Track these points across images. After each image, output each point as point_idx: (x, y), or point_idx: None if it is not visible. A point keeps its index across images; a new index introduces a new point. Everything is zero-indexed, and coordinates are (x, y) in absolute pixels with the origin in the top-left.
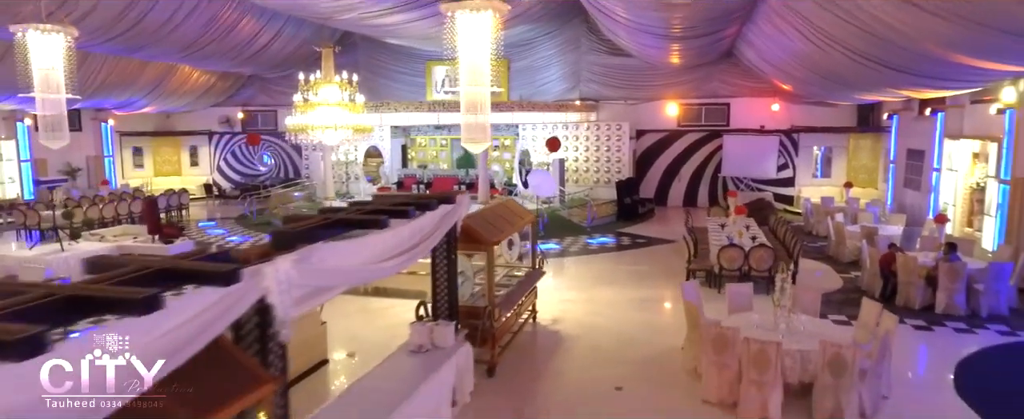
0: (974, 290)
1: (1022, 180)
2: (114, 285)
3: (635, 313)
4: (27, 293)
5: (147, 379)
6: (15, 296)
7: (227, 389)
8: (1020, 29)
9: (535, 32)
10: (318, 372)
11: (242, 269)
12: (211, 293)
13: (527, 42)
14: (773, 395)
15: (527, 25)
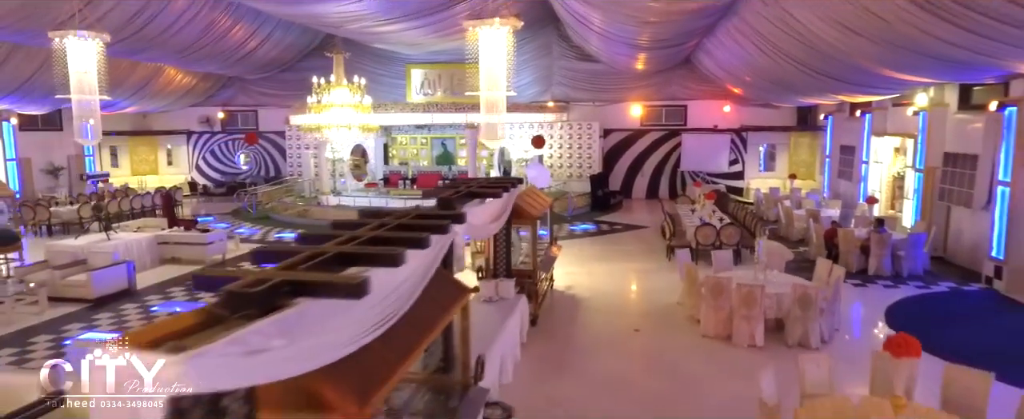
0: (897, 256)
1: (933, 169)
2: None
3: (631, 280)
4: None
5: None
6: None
7: (451, 293)
8: (928, 52)
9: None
10: None
11: (449, 226)
12: (438, 240)
13: None
14: (758, 327)
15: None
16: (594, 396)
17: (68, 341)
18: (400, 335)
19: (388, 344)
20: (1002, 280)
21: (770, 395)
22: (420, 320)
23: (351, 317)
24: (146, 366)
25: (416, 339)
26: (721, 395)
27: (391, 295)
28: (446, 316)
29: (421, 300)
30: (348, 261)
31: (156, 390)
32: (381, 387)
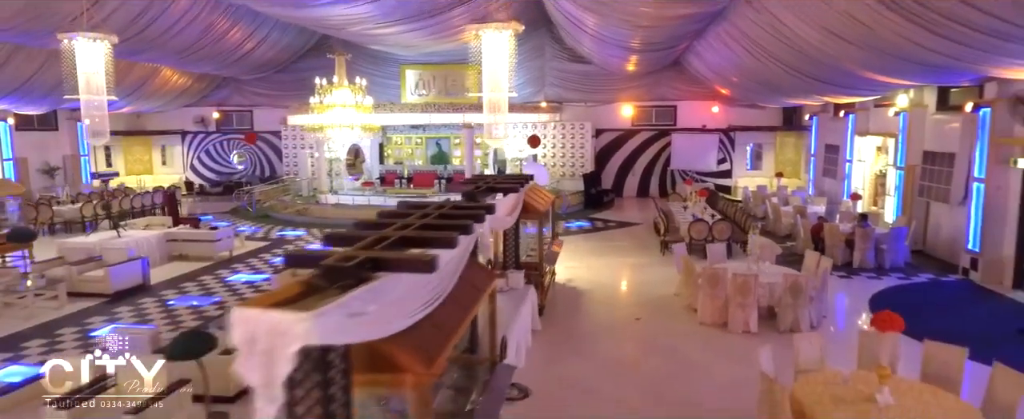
0: (880, 249)
1: (913, 167)
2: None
3: (628, 274)
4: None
5: (288, 334)
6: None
7: (482, 278)
8: (909, 56)
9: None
10: None
11: (484, 216)
12: (467, 239)
13: None
14: (752, 314)
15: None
16: (603, 377)
17: (93, 333)
18: (447, 312)
19: (439, 319)
20: (978, 271)
21: (769, 369)
22: (461, 300)
23: (416, 291)
24: (287, 323)
25: (461, 316)
26: (719, 376)
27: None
28: (481, 297)
29: (460, 282)
30: (409, 244)
31: (291, 343)
32: (440, 354)
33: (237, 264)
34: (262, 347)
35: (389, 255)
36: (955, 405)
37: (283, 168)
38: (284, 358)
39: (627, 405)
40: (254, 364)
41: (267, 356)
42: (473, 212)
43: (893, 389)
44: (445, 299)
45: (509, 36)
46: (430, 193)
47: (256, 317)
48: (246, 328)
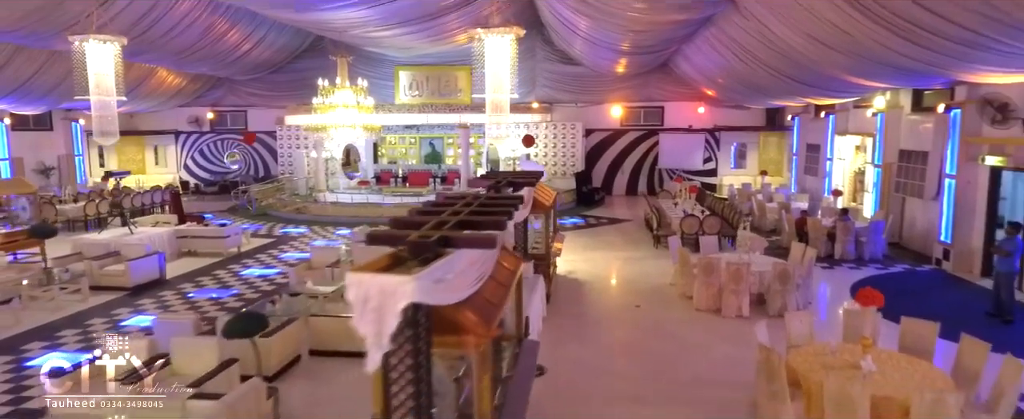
0: (859, 242)
1: (890, 165)
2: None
3: (625, 266)
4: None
5: (396, 294)
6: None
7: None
8: (886, 62)
9: None
10: None
11: (519, 205)
12: (511, 224)
13: None
14: (744, 300)
15: None
16: (610, 357)
17: (123, 322)
18: (492, 288)
19: (487, 293)
20: (949, 261)
21: (766, 341)
22: (500, 279)
23: (474, 266)
24: (395, 284)
25: (502, 292)
26: (716, 355)
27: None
28: (514, 278)
29: (497, 265)
30: (465, 226)
31: (399, 301)
32: (493, 321)
33: (247, 259)
34: (373, 305)
35: (458, 234)
36: (929, 371)
37: (278, 168)
38: (392, 313)
39: (634, 381)
40: (367, 319)
41: (378, 312)
42: (511, 201)
43: (874, 358)
44: (488, 277)
45: (511, 40)
46: (426, 192)
47: (368, 280)
48: (360, 289)
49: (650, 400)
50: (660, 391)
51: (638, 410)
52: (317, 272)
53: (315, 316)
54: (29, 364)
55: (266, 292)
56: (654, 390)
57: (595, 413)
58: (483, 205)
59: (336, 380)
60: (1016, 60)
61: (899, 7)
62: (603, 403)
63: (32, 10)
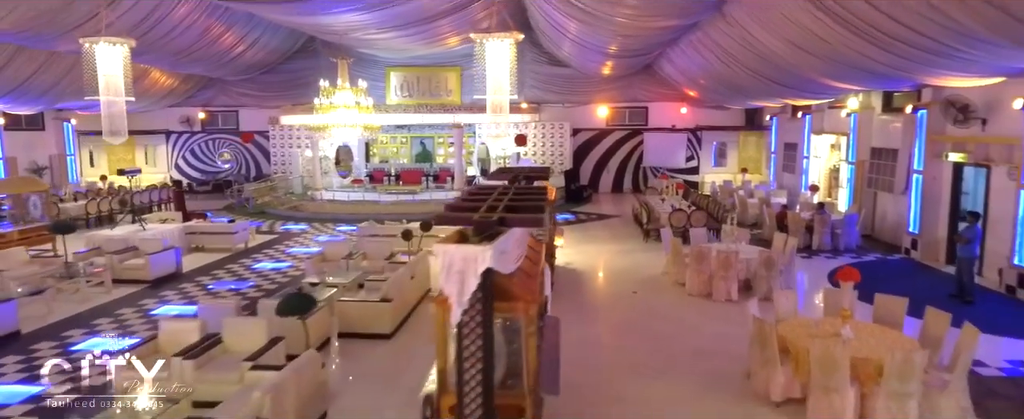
0: (835, 233)
1: (862, 162)
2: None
3: (619, 258)
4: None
5: (480, 260)
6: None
7: (538, 245)
8: (860, 66)
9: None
10: None
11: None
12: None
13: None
14: (733, 285)
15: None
16: (613, 336)
17: (152, 311)
18: (528, 265)
19: (526, 269)
20: (917, 250)
21: (757, 314)
22: (533, 258)
23: (520, 244)
24: (476, 252)
25: (536, 270)
26: (709, 333)
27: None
28: (541, 259)
29: (529, 247)
30: (512, 211)
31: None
32: (535, 291)
33: (256, 254)
34: (457, 269)
35: (512, 215)
36: (899, 338)
37: (271, 167)
38: (473, 276)
39: (637, 355)
40: (453, 281)
41: (461, 274)
42: (539, 192)
43: (852, 328)
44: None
45: (511, 44)
46: (419, 190)
47: (453, 250)
48: (446, 257)
49: (654, 370)
50: (662, 363)
51: (644, 379)
52: (332, 264)
53: (342, 301)
54: (74, 349)
55: (282, 284)
56: (656, 363)
57: (605, 381)
58: (517, 194)
59: (363, 358)
60: (974, 66)
61: (871, 17)
62: (611, 373)
63: (42, 12)
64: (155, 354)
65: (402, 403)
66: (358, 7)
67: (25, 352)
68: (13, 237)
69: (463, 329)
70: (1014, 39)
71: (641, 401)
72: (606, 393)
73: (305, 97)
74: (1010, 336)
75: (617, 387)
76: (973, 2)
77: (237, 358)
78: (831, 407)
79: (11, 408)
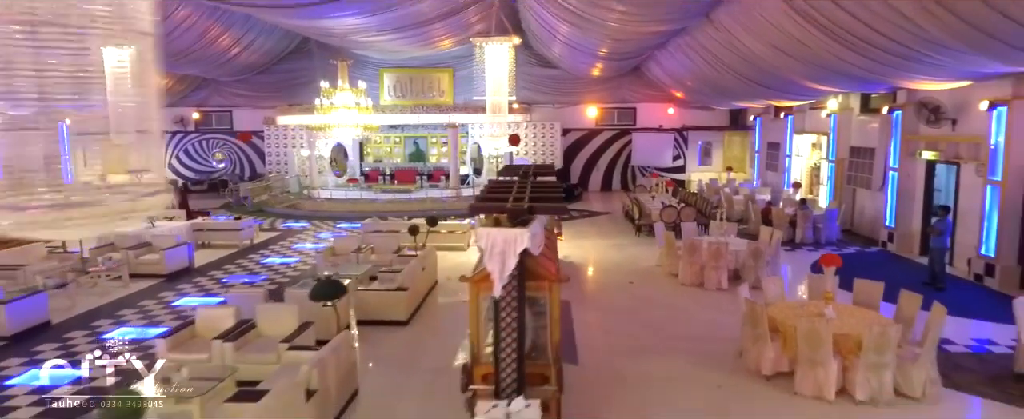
0: (817, 228)
1: (842, 160)
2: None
3: (613, 252)
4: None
5: (519, 242)
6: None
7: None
8: (839, 70)
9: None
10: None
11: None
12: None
13: (470, 54)
14: (723, 275)
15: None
16: (614, 321)
17: (173, 302)
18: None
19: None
20: (893, 243)
21: (748, 297)
22: (550, 244)
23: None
24: (515, 234)
25: (554, 254)
26: (702, 319)
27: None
28: (556, 245)
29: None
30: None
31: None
32: (558, 271)
33: (262, 250)
34: (499, 249)
35: (540, 204)
36: (876, 317)
37: (266, 166)
38: (513, 256)
39: (637, 338)
40: (495, 260)
41: (503, 255)
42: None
43: (834, 309)
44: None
45: (509, 48)
46: (413, 188)
47: (495, 232)
48: (489, 239)
49: (652, 351)
50: (660, 344)
51: (644, 359)
52: (342, 257)
53: (361, 290)
54: (106, 337)
55: (293, 278)
56: (654, 345)
57: (609, 360)
58: (535, 187)
59: (383, 343)
60: (942, 70)
61: (849, 24)
62: (613, 354)
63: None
64: (193, 338)
65: (425, 382)
66: (359, 11)
67: (60, 340)
68: None
69: (500, 303)
70: (973, 45)
71: (642, 377)
72: (609, 371)
73: (299, 97)
74: (977, 319)
75: (619, 366)
76: (937, 11)
77: (271, 341)
78: (816, 379)
79: (61, 389)
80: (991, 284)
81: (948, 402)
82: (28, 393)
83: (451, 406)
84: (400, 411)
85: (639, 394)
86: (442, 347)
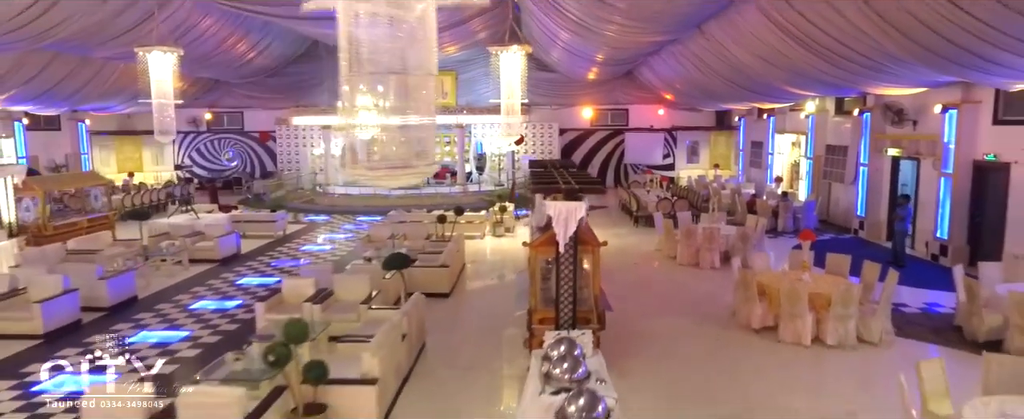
0: (797, 217)
1: (819, 157)
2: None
3: (615, 240)
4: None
5: (578, 212)
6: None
7: None
8: (816, 78)
9: (478, 51)
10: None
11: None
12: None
13: (471, 59)
14: (715, 256)
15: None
16: (625, 293)
17: (237, 281)
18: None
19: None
20: (864, 230)
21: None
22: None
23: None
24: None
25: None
26: (699, 290)
27: None
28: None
29: None
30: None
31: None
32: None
33: (296, 240)
34: (563, 217)
35: (586, 185)
36: (843, 281)
37: (278, 165)
38: (574, 222)
39: (646, 305)
40: (561, 226)
41: (566, 221)
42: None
43: (810, 276)
44: None
45: (522, 56)
46: (421, 185)
47: (561, 204)
48: (556, 209)
49: (660, 314)
50: (666, 309)
51: (653, 319)
52: (376, 243)
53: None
54: (192, 308)
55: (334, 261)
56: (661, 309)
57: (625, 321)
58: (572, 174)
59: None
60: (902, 79)
61: (822, 39)
62: (627, 317)
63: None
64: (281, 304)
65: (476, 336)
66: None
67: (152, 310)
68: (83, 225)
69: (561, 260)
70: (920, 60)
71: (654, 333)
72: (626, 329)
73: (307, 99)
74: (930, 289)
75: (633, 325)
76: (892, 32)
77: (350, 304)
78: (795, 329)
79: (172, 346)
80: (945, 262)
81: (899, 346)
82: (150, 346)
83: (504, 351)
84: (462, 355)
85: (652, 345)
86: (482, 313)
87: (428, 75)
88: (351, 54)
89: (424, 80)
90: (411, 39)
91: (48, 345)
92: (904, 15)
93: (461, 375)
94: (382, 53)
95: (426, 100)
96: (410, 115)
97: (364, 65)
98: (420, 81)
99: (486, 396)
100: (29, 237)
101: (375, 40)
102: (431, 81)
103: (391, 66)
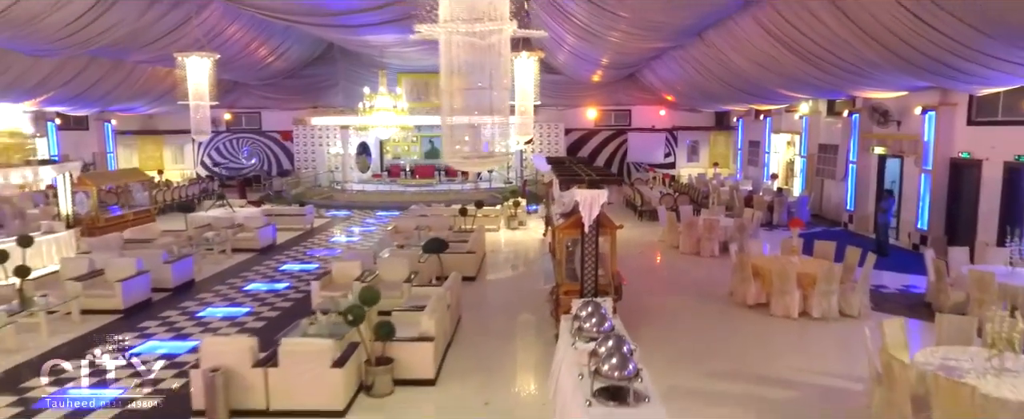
0: (791, 211)
1: (813, 155)
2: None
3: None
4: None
5: (600, 199)
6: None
7: None
8: (808, 82)
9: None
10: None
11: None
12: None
13: None
14: (715, 245)
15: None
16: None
17: (281, 266)
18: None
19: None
20: (852, 223)
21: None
22: None
23: None
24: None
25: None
26: (700, 274)
27: None
28: None
29: None
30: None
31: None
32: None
33: (324, 233)
34: (588, 202)
35: (605, 177)
36: (830, 265)
37: (295, 163)
38: (597, 206)
39: (653, 286)
40: (586, 209)
41: (591, 206)
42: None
43: (798, 259)
44: None
45: (535, 61)
46: (434, 182)
47: (586, 191)
48: (582, 195)
49: (665, 293)
50: (670, 289)
51: (660, 297)
52: (403, 233)
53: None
54: (246, 289)
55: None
56: (666, 289)
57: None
58: (591, 169)
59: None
60: (884, 84)
61: (812, 48)
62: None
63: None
64: (331, 283)
65: (504, 311)
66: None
67: (211, 290)
68: (128, 217)
69: (585, 239)
70: (897, 67)
71: (660, 309)
72: (636, 305)
73: (322, 100)
74: (909, 273)
75: (642, 302)
76: (871, 42)
77: (393, 283)
78: (785, 304)
79: (239, 319)
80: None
81: (875, 318)
82: (219, 319)
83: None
84: (494, 325)
85: (659, 318)
86: (507, 292)
87: (504, 89)
88: (448, 70)
89: (502, 93)
90: (491, 60)
91: (127, 319)
92: (880, 28)
93: (495, 340)
94: (474, 69)
95: (501, 103)
96: (494, 115)
97: (457, 80)
98: (500, 93)
99: (520, 354)
100: (83, 228)
101: (467, 61)
102: (506, 93)
103: (480, 81)
